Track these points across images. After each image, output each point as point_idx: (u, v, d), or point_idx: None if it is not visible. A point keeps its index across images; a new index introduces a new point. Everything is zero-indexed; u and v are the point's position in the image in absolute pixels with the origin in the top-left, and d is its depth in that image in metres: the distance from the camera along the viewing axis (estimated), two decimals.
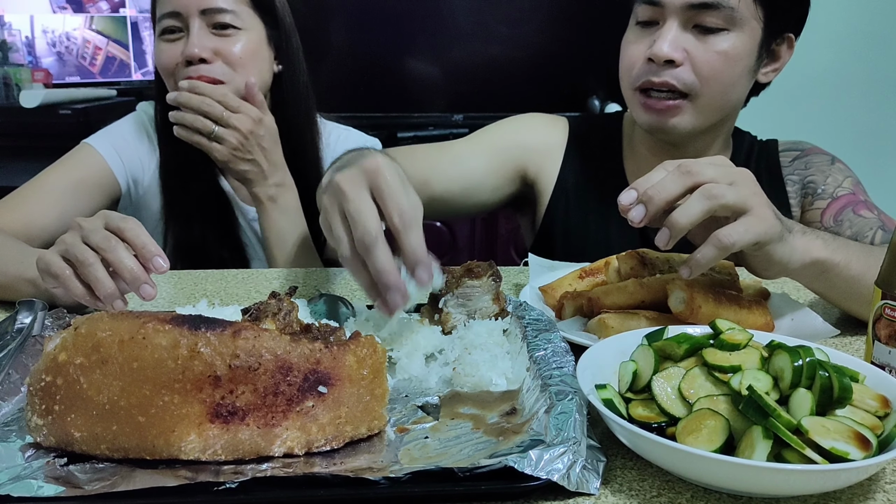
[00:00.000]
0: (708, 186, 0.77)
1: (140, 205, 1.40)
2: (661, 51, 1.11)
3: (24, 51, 2.82)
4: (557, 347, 0.75)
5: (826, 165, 1.28)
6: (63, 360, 0.60)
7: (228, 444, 0.59)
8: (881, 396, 0.65)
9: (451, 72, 2.99)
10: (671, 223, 0.77)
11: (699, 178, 0.77)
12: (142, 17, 3.04)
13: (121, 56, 3.02)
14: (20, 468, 0.59)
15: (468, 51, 2.96)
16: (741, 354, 0.67)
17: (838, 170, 1.27)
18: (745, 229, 0.77)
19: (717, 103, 1.17)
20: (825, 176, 1.26)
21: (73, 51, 2.92)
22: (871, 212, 1.20)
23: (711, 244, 0.78)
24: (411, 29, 2.90)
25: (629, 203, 0.78)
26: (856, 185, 1.25)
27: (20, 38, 2.81)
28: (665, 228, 0.78)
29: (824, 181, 1.25)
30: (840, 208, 1.21)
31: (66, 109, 2.55)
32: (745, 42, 1.13)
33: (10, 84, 2.64)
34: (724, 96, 1.17)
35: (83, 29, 2.93)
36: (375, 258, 0.73)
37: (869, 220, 1.18)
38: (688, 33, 1.12)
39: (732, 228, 0.77)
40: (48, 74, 2.79)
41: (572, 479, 0.58)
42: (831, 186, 1.24)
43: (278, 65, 1.38)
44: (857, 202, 1.21)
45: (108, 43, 2.99)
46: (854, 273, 0.88)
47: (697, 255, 0.79)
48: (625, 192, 0.78)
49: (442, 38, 2.94)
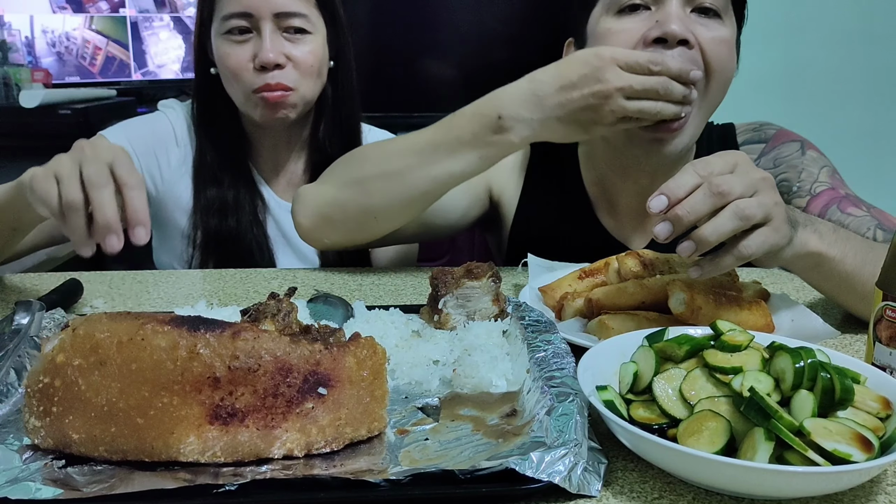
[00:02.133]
0: (740, 206, 0.76)
1: (161, 201, 1.39)
2: (672, 29, 1.00)
3: (23, 51, 2.81)
4: (558, 348, 0.75)
5: (797, 157, 1.22)
6: (61, 362, 0.60)
7: (228, 445, 0.59)
8: (882, 398, 0.64)
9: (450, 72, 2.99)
10: (700, 238, 0.76)
11: (730, 197, 0.76)
12: (142, 17, 3.03)
13: (121, 56, 3.01)
14: (18, 470, 0.58)
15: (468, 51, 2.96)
16: (742, 356, 0.66)
17: (811, 160, 1.21)
18: (762, 240, 0.78)
19: (716, 101, 1.10)
20: (798, 171, 1.21)
21: (73, 51, 2.92)
22: (860, 208, 1.15)
23: (731, 254, 0.79)
24: (411, 29, 2.90)
25: (659, 210, 0.76)
26: (832, 177, 1.20)
27: (20, 38, 2.81)
28: (691, 241, 0.77)
29: (798, 177, 1.20)
30: (823, 206, 1.17)
31: (65, 109, 2.54)
32: (732, 35, 1.09)
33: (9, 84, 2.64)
34: (722, 94, 1.10)
35: (83, 29, 2.93)
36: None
37: (861, 218, 1.14)
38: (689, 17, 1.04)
39: (752, 240, 0.78)
40: (48, 74, 2.79)
41: (573, 482, 0.57)
42: (807, 182, 1.20)
43: (330, 61, 1.38)
44: (839, 198, 1.17)
45: (108, 43, 2.98)
46: (848, 268, 0.88)
47: (715, 261, 0.79)
48: (655, 197, 0.76)
49: (442, 39, 2.94)
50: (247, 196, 1.39)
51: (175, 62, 3.15)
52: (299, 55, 1.29)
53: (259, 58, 1.26)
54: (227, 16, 1.28)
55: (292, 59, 1.29)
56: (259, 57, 1.26)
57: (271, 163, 1.43)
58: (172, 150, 1.39)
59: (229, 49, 1.29)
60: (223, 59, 1.30)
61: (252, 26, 1.27)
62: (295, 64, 1.29)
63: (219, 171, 1.37)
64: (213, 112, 1.37)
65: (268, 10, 1.26)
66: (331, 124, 1.41)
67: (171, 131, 1.40)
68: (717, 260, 0.80)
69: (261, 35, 1.27)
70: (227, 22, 1.28)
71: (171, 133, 1.40)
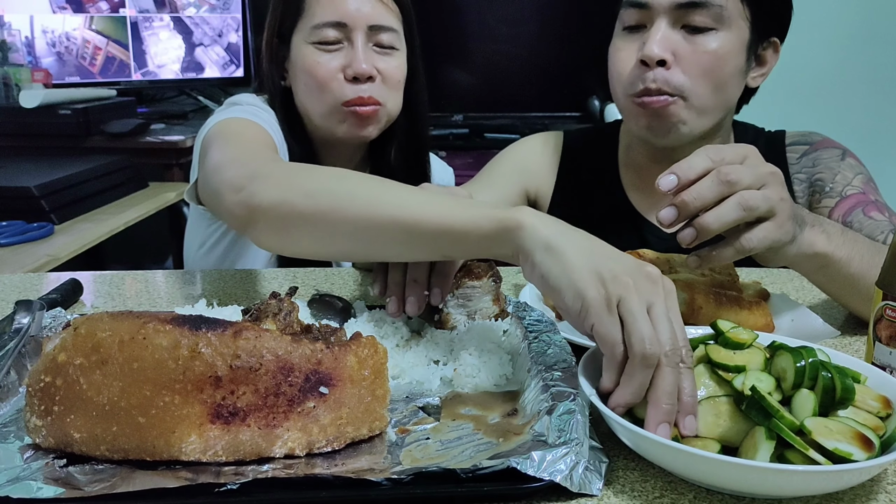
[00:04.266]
0: (745, 196, 0.76)
1: None
2: (651, 52, 1.10)
3: (23, 51, 2.81)
4: (558, 348, 0.75)
5: (835, 161, 1.26)
6: (62, 361, 0.60)
7: (229, 444, 0.59)
8: (883, 397, 0.65)
9: (450, 72, 2.99)
10: (701, 226, 0.76)
11: (737, 187, 0.76)
12: (142, 18, 3.04)
13: (121, 56, 3.01)
14: (19, 469, 0.58)
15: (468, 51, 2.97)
16: (745, 354, 0.67)
17: (848, 166, 1.25)
18: (764, 235, 0.78)
19: (710, 103, 1.15)
20: (834, 173, 1.24)
21: (73, 51, 2.92)
22: (882, 214, 1.18)
23: (732, 246, 0.78)
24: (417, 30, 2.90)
25: (667, 189, 0.76)
26: (866, 184, 1.23)
27: (20, 38, 2.80)
28: (692, 229, 0.77)
29: (832, 179, 1.23)
30: (849, 208, 1.19)
31: (65, 109, 2.54)
32: (733, 41, 1.13)
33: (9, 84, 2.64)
34: (716, 96, 1.15)
35: (83, 29, 2.93)
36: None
37: (880, 222, 1.15)
38: (677, 34, 1.12)
39: (754, 234, 0.78)
40: (48, 74, 2.78)
41: (575, 480, 0.57)
42: (840, 185, 1.22)
43: None
44: (867, 202, 1.19)
45: (108, 43, 2.98)
46: (854, 271, 0.88)
47: (714, 252, 0.80)
48: (665, 176, 0.76)
49: (442, 39, 2.93)
50: None
51: (175, 62, 3.15)
52: (388, 69, 1.26)
53: (352, 68, 1.23)
54: (320, 24, 1.24)
55: (381, 73, 1.26)
56: (352, 67, 1.23)
57: None
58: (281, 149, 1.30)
59: (318, 58, 1.24)
60: (311, 69, 1.25)
61: (344, 37, 1.24)
62: (384, 78, 1.26)
63: None
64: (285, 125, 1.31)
65: (363, 21, 1.23)
66: (402, 149, 1.39)
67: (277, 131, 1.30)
68: (716, 251, 0.80)
69: (353, 46, 1.24)
70: (317, 31, 1.24)
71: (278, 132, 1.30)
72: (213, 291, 1.12)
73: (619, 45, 1.19)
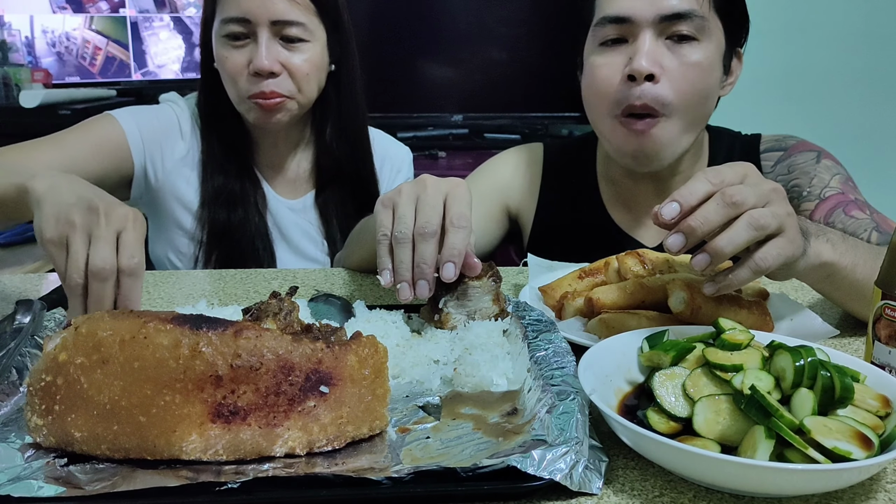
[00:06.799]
0: (754, 216, 0.74)
1: (159, 192, 1.39)
2: (640, 66, 1.08)
3: (23, 51, 2.81)
4: (558, 348, 0.75)
5: (811, 165, 1.25)
6: (63, 360, 0.60)
7: (230, 444, 0.59)
8: (882, 396, 0.65)
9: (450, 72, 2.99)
10: (715, 251, 0.74)
11: (743, 208, 0.74)
12: (142, 17, 3.04)
13: (120, 56, 3.02)
14: (20, 468, 0.59)
15: (468, 51, 2.96)
16: (743, 354, 0.67)
17: (825, 168, 1.24)
18: (777, 252, 0.76)
19: (693, 116, 1.14)
20: (810, 177, 1.23)
21: (73, 51, 2.92)
22: (864, 212, 1.17)
23: (747, 266, 0.76)
24: (410, 29, 2.90)
25: (671, 218, 0.74)
26: (844, 184, 1.22)
27: (20, 38, 2.81)
28: (706, 255, 0.75)
29: (809, 183, 1.22)
30: (830, 209, 1.19)
31: (65, 109, 2.55)
32: (713, 52, 1.13)
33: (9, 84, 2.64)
34: (700, 108, 1.15)
35: (83, 29, 2.93)
36: (427, 247, 0.82)
37: (861, 221, 1.15)
38: (662, 47, 1.11)
39: (767, 252, 0.76)
40: (48, 74, 2.79)
41: (574, 479, 0.58)
42: (817, 187, 1.22)
43: (331, 64, 1.38)
44: (847, 202, 1.19)
45: (108, 43, 2.99)
46: (859, 276, 0.88)
47: (731, 276, 0.77)
48: (666, 205, 0.74)
49: (441, 39, 2.94)
50: (251, 188, 1.40)
51: (175, 62, 3.15)
52: (295, 64, 1.29)
53: (253, 64, 1.26)
54: (226, 20, 1.28)
55: (288, 68, 1.28)
56: (253, 64, 1.26)
57: (271, 160, 1.44)
58: (177, 143, 1.39)
59: (227, 53, 1.29)
60: (221, 62, 1.31)
61: (249, 32, 1.27)
62: (290, 72, 1.29)
63: (225, 163, 1.38)
64: (218, 107, 1.37)
65: (265, 16, 1.25)
66: (336, 127, 1.42)
67: (176, 124, 1.40)
68: (732, 274, 0.77)
69: (257, 42, 1.27)
70: (225, 25, 1.28)
71: (176, 126, 1.39)
72: (213, 292, 1.13)
73: (598, 61, 1.16)
